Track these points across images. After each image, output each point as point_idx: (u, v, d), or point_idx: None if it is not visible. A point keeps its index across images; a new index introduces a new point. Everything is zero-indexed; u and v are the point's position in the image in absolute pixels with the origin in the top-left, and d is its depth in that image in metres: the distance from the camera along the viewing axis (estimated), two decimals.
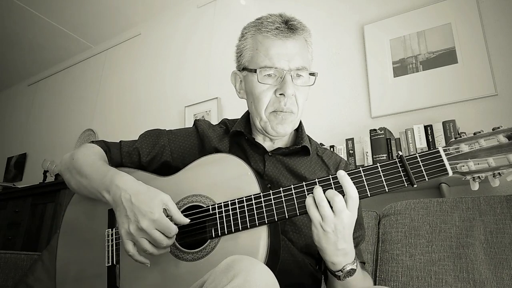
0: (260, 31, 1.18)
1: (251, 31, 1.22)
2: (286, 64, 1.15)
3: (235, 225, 1.01)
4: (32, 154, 5.14)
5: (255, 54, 1.19)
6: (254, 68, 1.17)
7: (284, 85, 1.14)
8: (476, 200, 1.64)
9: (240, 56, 1.25)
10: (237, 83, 1.30)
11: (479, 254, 1.49)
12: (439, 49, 2.60)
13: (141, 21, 4.59)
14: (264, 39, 1.17)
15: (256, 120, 1.23)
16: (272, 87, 1.17)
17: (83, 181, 1.18)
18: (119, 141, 1.34)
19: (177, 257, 1.05)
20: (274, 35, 1.15)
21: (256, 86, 1.18)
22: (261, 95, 1.17)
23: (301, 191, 0.99)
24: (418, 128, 2.31)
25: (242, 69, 1.25)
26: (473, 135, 0.92)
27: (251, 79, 1.19)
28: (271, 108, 1.18)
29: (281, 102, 1.16)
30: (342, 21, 3.11)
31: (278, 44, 1.16)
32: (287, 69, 1.15)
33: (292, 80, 1.15)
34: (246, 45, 1.22)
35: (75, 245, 1.23)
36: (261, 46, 1.17)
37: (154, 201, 1.01)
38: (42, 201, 3.95)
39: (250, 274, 0.74)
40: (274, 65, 1.15)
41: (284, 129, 1.20)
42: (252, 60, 1.20)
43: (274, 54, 1.15)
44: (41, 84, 5.58)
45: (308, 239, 1.18)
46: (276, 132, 1.20)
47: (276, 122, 1.19)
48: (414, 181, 0.92)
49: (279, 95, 1.16)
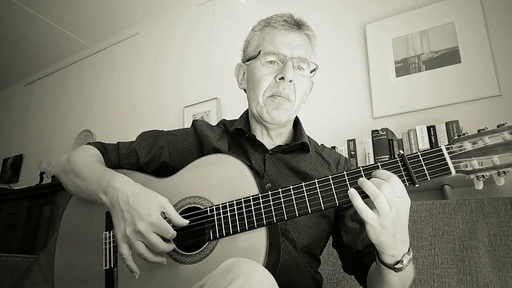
0: (269, 24, 1.26)
1: (260, 25, 1.29)
2: (289, 52, 1.21)
3: (233, 227, 1.00)
4: (29, 155, 5.15)
5: (261, 42, 1.25)
6: (259, 50, 1.23)
7: (285, 69, 1.19)
8: (479, 202, 1.64)
9: (246, 47, 1.31)
10: (240, 74, 1.35)
11: (483, 256, 1.49)
12: (442, 49, 2.60)
13: (140, 20, 4.59)
14: (271, 30, 1.25)
15: (252, 106, 1.26)
16: (273, 72, 1.21)
17: (80, 183, 1.18)
18: (117, 143, 1.34)
19: (175, 259, 1.05)
20: (281, 26, 1.23)
21: (258, 70, 1.22)
22: (261, 78, 1.21)
23: (300, 191, 0.98)
24: (421, 128, 2.32)
25: (247, 60, 1.30)
26: (477, 133, 0.91)
27: (254, 65, 1.25)
28: (269, 92, 1.21)
29: (280, 87, 1.20)
30: (343, 20, 3.11)
31: (284, 34, 1.23)
32: (289, 56, 1.20)
33: (293, 68, 1.20)
34: (254, 37, 1.29)
35: (73, 248, 1.23)
36: (267, 35, 1.25)
37: (152, 203, 1.01)
38: (38, 203, 3.96)
39: (249, 277, 0.74)
40: (277, 51, 1.21)
41: (279, 115, 1.22)
42: (257, 48, 1.25)
43: (279, 42, 1.22)
44: (37, 84, 5.59)
45: (310, 238, 1.19)
46: (271, 117, 1.22)
47: (272, 107, 1.21)
48: (415, 180, 0.91)
49: (279, 79, 1.19)
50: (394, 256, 0.95)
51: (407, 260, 0.95)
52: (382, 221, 0.87)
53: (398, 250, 0.94)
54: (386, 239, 0.90)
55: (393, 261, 0.96)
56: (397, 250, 0.94)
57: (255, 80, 1.23)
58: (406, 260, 0.95)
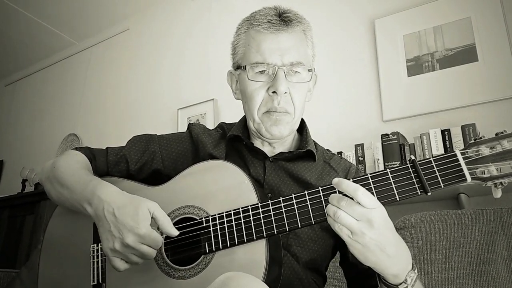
0: (252, 25, 1.21)
1: (244, 26, 1.24)
2: (278, 59, 1.16)
3: (230, 239, 1.01)
4: (10, 161, 5.14)
5: (247, 50, 1.21)
6: (245, 65, 1.19)
7: (276, 82, 1.15)
8: (498, 212, 1.64)
9: (234, 53, 1.28)
10: (233, 83, 1.32)
11: (502, 271, 1.49)
12: (458, 46, 2.61)
13: (130, 15, 4.60)
14: (256, 34, 1.19)
15: (249, 122, 1.24)
16: (265, 85, 1.18)
17: (64, 192, 1.18)
18: (106, 148, 1.35)
19: (168, 274, 1.05)
20: (266, 29, 1.17)
21: (248, 84, 1.19)
22: (253, 93, 1.19)
23: (303, 200, 0.98)
24: (435, 132, 2.32)
25: (236, 67, 1.27)
26: (495, 136, 0.90)
27: (243, 77, 1.21)
28: (263, 108, 1.19)
29: (274, 101, 1.17)
30: (351, 15, 3.12)
31: (270, 38, 1.17)
32: (279, 65, 1.16)
33: (286, 77, 1.16)
34: (239, 42, 1.25)
35: (58, 261, 1.23)
36: (253, 42, 1.20)
37: (140, 213, 1.01)
38: (20, 213, 3.95)
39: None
40: (265, 60, 1.16)
41: (280, 131, 1.20)
42: (244, 57, 1.22)
43: (266, 49, 1.17)
44: (19, 84, 5.59)
45: (314, 253, 1.18)
46: (271, 134, 1.20)
47: (270, 123, 1.19)
48: (428, 188, 0.91)
49: (272, 93, 1.16)
50: (397, 275, 0.92)
51: (411, 279, 0.93)
52: (357, 238, 0.86)
53: (397, 266, 0.92)
54: (376, 257, 0.88)
55: (397, 282, 0.93)
56: (397, 266, 0.92)
57: (247, 95, 1.21)
58: (410, 279, 0.93)
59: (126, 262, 1.02)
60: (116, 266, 1.02)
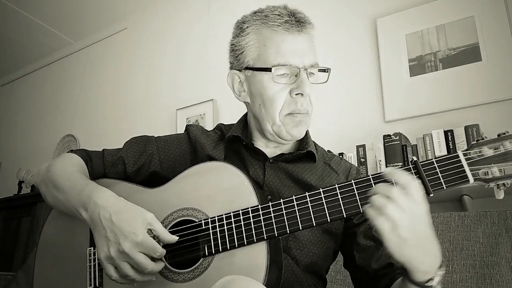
0: (266, 25, 1.19)
1: (255, 25, 1.22)
2: (300, 60, 1.16)
3: (230, 242, 1.01)
4: (6, 162, 5.15)
5: (263, 51, 1.19)
6: (265, 66, 1.17)
7: (301, 84, 1.15)
8: (502, 214, 1.64)
9: (241, 54, 1.24)
10: (235, 84, 1.29)
11: (506, 274, 1.49)
12: (461, 45, 2.61)
13: (128, 14, 4.60)
14: (272, 34, 1.18)
15: (266, 125, 1.21)
16: (287, 87, 1.17)
17: (60, 196, 1.18)
18: (102, 150, 1.35)
19: (166, 278, 1.05)
20: (286, 29, 1.17)
21: (269, 87, 1.17)
22: (275, 95, 1.17)
23: (304, 202, 0.99)
24: (438, 133, 2.32)
25: (244, 68, 1.24)
26: (497, 137, 0.91)
27: (260, 79, 1.19)
28: (286, 110, 1.18)
29: (298, 103, 1.17)
30: (352, 14, 3.12)
31: (289, 39, 1.17)
32: (301, 66, 1.16)
33: (308, 78, 1.17)
34: (249, 42, 1.22)
35: (54, 264, 1.23)
36: (270, 42, 1.18)
37: (137, 220, 1.01)
38: (16, 215, 3.96)
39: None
40: (287, 62, 1.15)
41: (299, 131, 1.21)
42: (259, 58, 1.20)
43: (286, 50, 1.16)
44: (16, 84, 5.60)
45: (314, 256, 1.18)
46: (292, 135, 1.21)
47: (292, 125, 1.19)
48: (430, 189, 0.91)
49: (296, 95, 1.16)
50: (427, 272, 0.91)
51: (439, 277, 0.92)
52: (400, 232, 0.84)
53: (430, 263, 0.91)
54: (411, 252, 0.87)
55: (425, 278, 0.92)
56: (429, 263, 0.91)
57: (266, 97, 1.18)
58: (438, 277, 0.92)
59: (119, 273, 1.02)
60: (109, 274, 1.01)
